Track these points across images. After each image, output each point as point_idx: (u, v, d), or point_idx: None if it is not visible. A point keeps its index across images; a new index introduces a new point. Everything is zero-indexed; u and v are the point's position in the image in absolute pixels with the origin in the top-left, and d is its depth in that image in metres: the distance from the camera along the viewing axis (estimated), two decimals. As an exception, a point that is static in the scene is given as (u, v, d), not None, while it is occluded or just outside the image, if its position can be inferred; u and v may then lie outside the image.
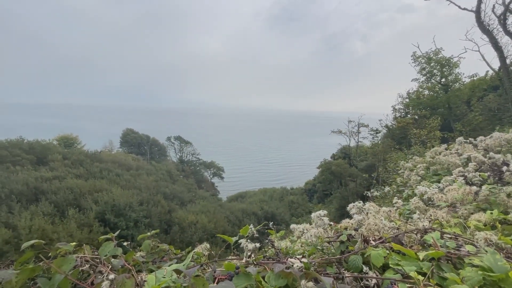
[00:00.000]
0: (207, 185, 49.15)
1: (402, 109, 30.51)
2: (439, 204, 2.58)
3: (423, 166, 4.77)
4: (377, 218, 1.65)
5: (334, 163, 33.36)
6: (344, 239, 1.48)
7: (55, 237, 17.53)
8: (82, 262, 1.49)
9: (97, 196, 22.06)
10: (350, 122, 35.90)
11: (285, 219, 32.51)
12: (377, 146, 30.36)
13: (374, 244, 1.41)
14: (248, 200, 39.61)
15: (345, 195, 32.19)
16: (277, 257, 1.10)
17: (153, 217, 22.74)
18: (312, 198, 43.82)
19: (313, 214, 1.69)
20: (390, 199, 5.13)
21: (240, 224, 27.90)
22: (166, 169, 41.12)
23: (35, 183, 22.27)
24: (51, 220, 18.42)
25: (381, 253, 1.26)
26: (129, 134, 55.05)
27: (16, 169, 24.59)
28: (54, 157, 29.00)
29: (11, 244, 16.42)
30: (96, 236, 18.94)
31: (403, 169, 5.63)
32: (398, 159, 12.47)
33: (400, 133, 27.34)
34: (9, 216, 18.16)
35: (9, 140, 30.53)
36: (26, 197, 20.91)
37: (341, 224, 1.77)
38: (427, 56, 26.73)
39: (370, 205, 1.93)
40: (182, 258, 1.88)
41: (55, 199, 20.76)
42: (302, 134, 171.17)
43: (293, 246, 1.92)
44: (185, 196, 31.60)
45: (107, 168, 30.09)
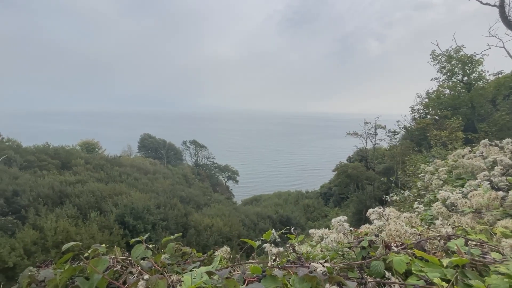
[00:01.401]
0: (222, 189, 49.57)
1: (421, 109, 29.51)
2: (463, 210, 2.50)
3: (445, 170, 4.60)
4: (398, 224, 1.64)
5: (351, 166, 32.67)
6: (365, 245, 1.48)
7: (78, 238, 18.30)
8: (114, 263, 1.59)
9: (117, 199, 22.85)
10: (366, 123, 35.10)
11: (300, 223, 32.14)
12: (395, 148, 29.48)
13: (396, 250, 1.40)
14: (262, 204, 39.56)
15: (362, 198, 31.42)
16: (300, 261, 1.13)
17: (170, 220, 23.21)
18: (328, 202, 43.08)
19: (333, 219, 1.70)
20: (411, 204, 4.99)
21: (255, 228, 27.86)
22: (182, 173, 41.91)
23: (60, 187, 23.40)
24: (74, 222, 19.26)
25: (403, 259, 1.26)
26: (147, 139, 56.70)
27: (43, 173, 25.97)
28: (77, 162, 30.40)
29: (38, 245, 17.31)
30: (116, 238, 19.58)
31: (424, 173, 5.46)
32: (417, 161, 12.04)
33: (420, 134, 26.42)
34: (36, 218, 19.17)
35: (36, 146, 32.37)
36: (51, 200, 22.00)
37: (361, 230, 1.77)
38: (447, 54, 25.78)
39: (390, 211, 1.91)
40: (204, 261, 1.95)
41: (78, 202, 21.70)
42: (317, 136, 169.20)
43: (313, 251, 1.93)
44: (201, 200, 32.02)
45: (126, 172, 31.13)
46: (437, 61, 26.74)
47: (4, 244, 15.73)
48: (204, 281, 0.91)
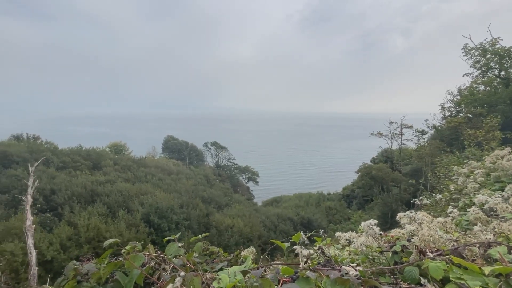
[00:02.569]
0: (242, 190, 49.97)
1: (452, 107, 27.80)
2: (504, 216, 2.33)
3: (482, 172, 4.29)
4: (432, 229, 1.57)
5: (375, 167, 31.48)
6: (398, 250, 1.44)
7: (108, 235, 19.35)
8: (148, 260, 1.68)
9: (143, 199, 23.88)
10: (391, 123, 33.65)
11: (322, 225, 31.51)
12: (423, 149, 27.98)
13: (431, 256, 1.35)
14: (283, 205, 39.31)
15: (387, 201, 30.18)
16: (330, 264, 1.13)
17: (192, 220, 23.80)
18: (351, 204, 41.84)
19: (363, 223, 1.67)
20: (443, 208, 4.73)
21: (276, 229, 27.73)
22: (204, 174, 42.82)
23: (91, 186, 24.91)
24: (104, 220, 20.39)
25: (440, 265, 1.20)
26: (170, 140, 58.68)
27: (76, 173, 27.81)
28: (106, 163, 32.19)
29: (73, 240, 18.54)
30: (142, 236, 20.44)
31: (457, 175, 5.13)
32: (450, 163, 11.34)
33: (451, 134, 24.88)
34: (71, 215, 20.57)
35: (70, 148, 34.73)
36: (84, 198, 23.49)
37: (392, 234, 1.72)
38: (481, 47, 24.06)
39: (423, 215, 1.84)
40: (231, 261, 1.99)
41: (108, 201, 22.95)
42: (339, 137, 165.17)
43: (341, 254, 1.91)
44: (222, 200, 32.49)
45: (151, 172, 32.44)
46: (470, 56, 25.04)
47: (43, 239, 17.04)
48: (239, 280, 0.94)
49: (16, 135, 36.16)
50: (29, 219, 8.34)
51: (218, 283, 0.93)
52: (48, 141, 35.95)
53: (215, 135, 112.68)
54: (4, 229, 17.18)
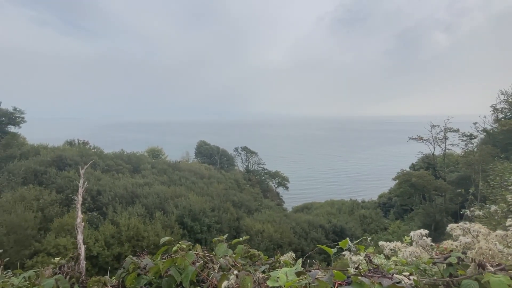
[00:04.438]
0: (272, 195, 49.76)
1: (506, 108, 25.04)
2: None
3: (547, 182, 3.80)
4: (490, 242, 1.46)
5: (415, 174, 29.31)
6: (454, 261, 1.36)
7: (146, 235, 20.58)
8: (197, 259, 1.80)
9: (177, 201, 25.01)
10: (433, 126, 31.19)
11: (356, 234, 30.05)
12: (472, 155, 25.46)
13: (492, 270, 1.26)
14: (314, 212, 38.31)
15: (430, 211, 27.86)
16: (381, 272, 1.12)
17: (224, 223, 24.28)
18: (388, 213, 39.35)
19: (412, 232, 1.61)
20: (499, 221, 4.27)
21: (307, 237, 27.07)
22: (234, 178, 43.56)
23: (132, 188, 26.76)
24: (143, 220, 21.73)
25: (503, 280, 1.12)
26: (202, 145, 60.85)
27: (119, 176, 30.12)
28: (145, 166, 34.40)
29: (115, 238, 20.02)
30: (176, 237, 21.35)
31: (515, 184, 4.60)
32: (505, 171, 10.15)
33: (505, 138, 22.35)
34: (114, 215, 22.27)
35: (114, 152, 37.77)
36: (125, 199, 25.29)
37: (444, 246, 1.63)
38: (541, 41, 21.39)
39: (479, 227, 1.71)
40: (272, 264, 2.04)
41: (146, 202, 24.43)
42: (375, 142, 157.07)
43: (388, 264, 1.85)
44: (252, 205, 32.70)
45: (184, 176, 33.92)
46: (528, 51, 22.37)
47: (90, 236, 18.68)
48: (295, 280, 0.98)
49: (69, 141, 40.35)
50: (79, 216, 9.21)
51: (275, 281, 0.98)
52: (96, 146, 39.52)
53: (246, 140, 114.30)
54: (59, 225, 19.19)
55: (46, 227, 19.58)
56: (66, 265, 1.78)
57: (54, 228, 19.02)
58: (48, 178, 25.61)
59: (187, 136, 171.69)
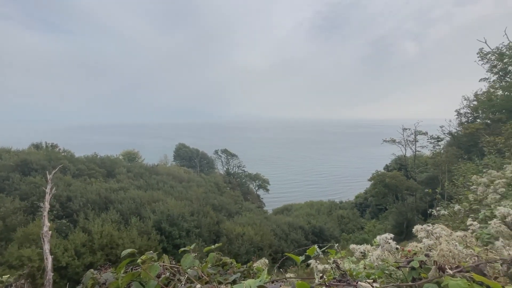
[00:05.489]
0: (253, 197, 49.73)
1: (469, 113, 27.02)
2: (529, 229, 2.22)
3: (503, 182, 4.11)
4: (451, 244, 1.52)
5: (388, 175, 30.67)
6: (416, 265, 1.40)
7: (120, 242, 19.63)
8: (163, 270, 1.71)
9: (154, 206, 24.16)
10: (405, 130, 32.93)
11: (334, 234, 30.79)
12: (439, 156, 27.14)
13: (451, 273, 1.31)
14: (294, 213, 38.78)
15: (402, 210, 29.24)
16: (346, 279, 1.12)
17: (203, 228, 23.81)
18: (364, 213, 40.81)
19: (378, 237, 1.64)
20: (462, 220, 4.55)
21: (287, 238, 27.31)
22: (214, 181, 43.00)
23: (105, 193, 25.46)
24: (117, 227, 20.71)
25: (461, 283, 1.16)
26: (181, 148, 59.55)
27: (91, 180, 28.54)
28: (120, 171, 32.93)
29: (87, 247, 18.89)
30: (153, 243, 20.60)
31: (476, 185, 4.93)
32: (468, 171, 10.91)
33: (468, 140, 24.08)
34: (85, 222, 21.02)
35: (86, 156, 35.80)
36: (98, 205, 24.00)
37: (409, 248, 1.68)
38: (498, 51, 23.39)
39: (441, 228, 1.78)
40: (244, 272, 1.99)
41: (121, 208, 23.35)
42: (351, 144, 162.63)
43: (357, 268, 1.87)
44: (232, 208, 32.44)
45: (162, 180, 32.91)
46: (486, 60, 24.36)
47: (58, 245, 17.46)
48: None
49: (35, 144, 37.68)
50: (46, 225, 8.58)
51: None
52: (66, 149, 37.25)
53: (227, 142, 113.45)
54: (23, 235, 17.75)
55: (8, 237, 18.04)
56: (15, 284, 1.61)
57: (17, 238, 17.56)
58: (10, 184, 23.69)
59: (165, 139, 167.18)
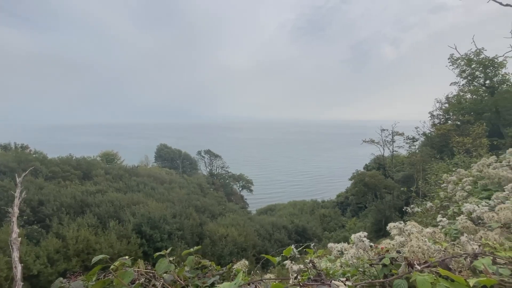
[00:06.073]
0: (236, 198, 49.55)
1: (441, 115, 28.57)
2: (491, 225, 2.38)
3: (470, 180, 4.39)
4: (421, 240, 1.59)
5: (368, 174, 31.75)
6: (387, 263, 1.45)
7: (98, 247, 18.81)
8: (138, 276, 1.65)
9: (135, 209, 23.38)
10: (383, 130, 34.27)
11: (317, 233, 31.37)
12: (414, 156, 28.48)
13: (419, 268, 1.37)
14: (277, 213, 39.08)
15: (381, 208, 30.35)
16: (321, 278, 1.13)
17: (186, 230, 23.37)
18: (345, 212, 41.91)
19: (353, 235, 1.69)
20: (433, 216, 4.80)
21: (270, 238, 27.47)
22: (197, 182, 42.37)
23: (82, 197, 24.30)
24: (94, 231, 19.82)
25: (427, 278, 1.22)
26: (163, 149, 58.15)
27: (66, 183, 27.11)
28: (97, 172, 31.56)
29: (61, 253, 17.92)
30: (133, 247, 19.93)
31: (446, 183, 5.23)
32: (439, 170, 11.54)
33: (441, 140, 25.45)
34: (59, 227, 19.93)
35: (60, 157, 33.96)
36: (73, 209, 22.85)
37: (382, 246, 1.74)
38: (466, 57, 24.94)
39: (412, 226, 1.86)
40: (223, 275, 1.97)
41: (98, 212, 22.39)
42: (333, 145, 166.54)
43: (333, 266, 1.91)
44: (216, 209, 32.11)
45: (143, 182, 31.93)
46: (456, 65, 25.90)
47: (29, 252, 16.42)
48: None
49: (3, 145, 35.26)
50: (15, 231, 8.06)
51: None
52: (37, 150, 35.13)
53: (211, 143, 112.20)
54: (-11, 243, 16.54)
55: (-29, 245, 16.72)
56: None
57: (-18, 247, 16.33)
58: (-26, 189, 22.01)
59: (147, 139, 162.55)
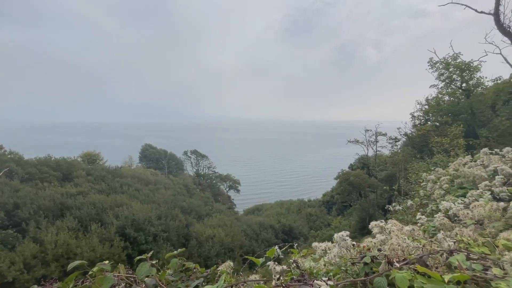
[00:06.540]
0: (223, 198, 49.26)
1: (421, 116, 29.66)
2: (466, 221, 2.50)
3: (447, 179, 4.59)
4: (400, 238, 1.64)
5: (353, 174, 32.49)
6: (368, 261, 1.49)
7: (79, 251, 18.10)
8: (118, 281, 1.60)
9: (118, 211, 22.70)
10: (367, 131, 35.19)
11: (303, 232, 31.73)
12: (396, 155, 29.43)
13: (398, 266, 1.41)
14: (264, 213, 39.21)
15: (365, 206, 31.12)
16: (303, 278, 1.14)
17: (171, 232, 22.97)
18: (331, 210, 42.66)
19: (336, 234, 1.71)
20: (414, 214, 4.97)
21: (258, 238, 27.49)
22: (183, 183, 41.76)
23: (61, 199, 23.31)
24: (75, 235, 19.08)
25: (405, 275, 1.26)
26: (148, 149, 56.85)
27: (44, 185, 25.92)
28: (78, 174, 30.39)
29: (38, 259, 17.11)
30: (116, 250, 19.35)
31: (426, 181, 5.44)
32: (420, 169, 11.98)
33: (421, 141, 26.43)
34: (37, 231, 19.01)
35: (38, 158, 32.42)
36: (52, 212, 21.87)
37: (364, 244, 1.78)
38: (444, 61, 26.07)
39: (392, 224, 1.92)
40: (208, 277, 1.95)
41: (79, 214, 21.57)
42: (319, 145, 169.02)
43: (317, 266, 1.93)
44: (202, 210, 31.77)
45: (127, 183, 31.07)
46: (435, 69, 27.02)
47: (3, 258, 15.55)
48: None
49: (-26, 145, 33.23)
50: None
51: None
52: (13, 151, 33.35)
53: (197, 143, 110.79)
54: (-42, 249, 15.55)
55: None
56: None
57: (-50, 254, 15.34)
58: None
59: (131, 139, 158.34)
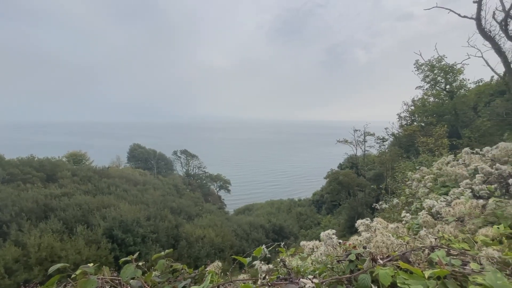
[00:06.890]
0: (214, 198, 48.97)
1: (407, 116, 30.44)
2: (447, 219, 2.59)
3: (431, 178, 4.75)
4: (385, 235, 1.69)
5: (342, 173, 32.99)
6: (353, 258, 1.52)
7: (64, 254, 17.58)
8: (103, 284, 1.57)
9: (105, 212, 22.18)
10: (355, 131, 35.81)
11: (293, 231, 31.96)
12: (384, 155, 30.09)
13: (382, 262, 1.45)
14: (255, 213, 39.24)
15: (354, 205, 31.64)
16: (290, 277, 1.15)
17: (161, 232, 22.66)
18: (321, 209, 43.16)
19: (322, 233, 1.74)
20: (399, 212, 5.11)
21: (248, 238, 27.50)
22: (173, 183, 41.25)
23: (45, 200, 22.58)
24: (59, 237, 18.52)
25: (388, 272, 1.30)
26: (136, 149, 55.81)
27: (27, 186, 25.03)
28: (63, 174, 29.51)
29: (20, 263, 16.52)
30: (104, 253, 18.91)
31: (411, 180, 5.60)
32: (406, 168, 12.31)
33: (407, 140, 27.12)
34: (19, 234, 18.34)
35: (20, 158, 31.27)
36: (35, 214, 21.15)
37: (349, 242, 1.81)
38: (430, 63, 26.86)
39: (378, 222, 1.97)
40: (196, 278, 1.94)
41: (64, 216, 20.95)
42: (309, 144, 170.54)
43: (304, 264, 1.95)
44: (192, 210, 31.49)
45: (114, 183, 30.41)
46: (421, 70, 27.80)
47: (-17, 263, 14.95)
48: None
49: (-48, 145, 31.73)
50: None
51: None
52: (-7, 151, 32.03)
53: (187, 143, 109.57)
54: None
55: None
56: None
57: None
58: None
59: (119, 139, 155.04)
